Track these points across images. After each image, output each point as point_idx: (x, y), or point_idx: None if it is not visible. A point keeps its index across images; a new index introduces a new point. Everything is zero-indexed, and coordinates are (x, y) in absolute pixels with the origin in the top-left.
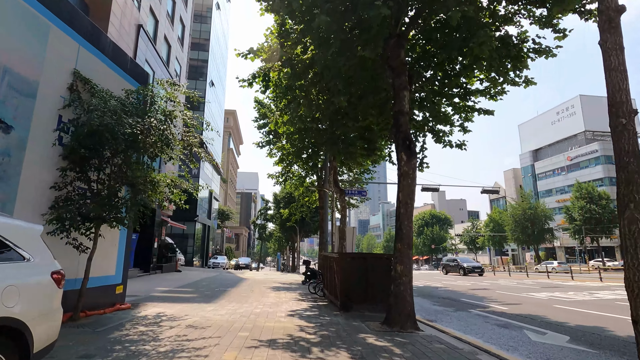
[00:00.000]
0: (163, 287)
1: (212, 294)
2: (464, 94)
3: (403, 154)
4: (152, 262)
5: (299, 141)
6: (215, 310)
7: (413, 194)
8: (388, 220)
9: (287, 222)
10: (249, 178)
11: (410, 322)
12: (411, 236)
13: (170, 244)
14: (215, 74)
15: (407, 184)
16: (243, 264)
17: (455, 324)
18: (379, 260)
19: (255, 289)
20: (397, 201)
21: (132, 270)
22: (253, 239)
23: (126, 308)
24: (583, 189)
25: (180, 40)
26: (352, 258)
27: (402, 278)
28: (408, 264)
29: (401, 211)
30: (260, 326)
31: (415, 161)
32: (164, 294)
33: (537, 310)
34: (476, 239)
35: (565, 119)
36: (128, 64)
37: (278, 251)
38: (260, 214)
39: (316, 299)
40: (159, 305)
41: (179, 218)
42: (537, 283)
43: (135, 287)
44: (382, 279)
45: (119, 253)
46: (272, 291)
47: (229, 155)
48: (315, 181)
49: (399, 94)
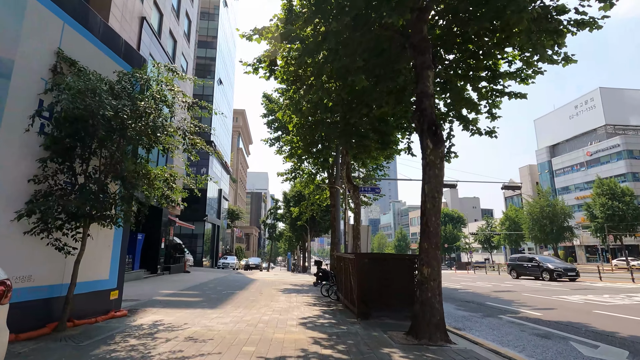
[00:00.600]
0: (168, 289)
1: (218, 297)
2: (492, 77)
3: (429, 140)
4: (159, 263)
5: (309, 134)
6: (220, 317)
7: (441, 186)
8: (399, 220)
9: (297, 221)
10: (259, 178)
11: (440, 332)
12: (439, 234)
13: (179, 244)
14: (223, 72)
15: (434, 175)
16: (253, 265)
17: (487, 333)
18: (400, 261)
19: (265, 292)
20: (422, 195)
21: (137, 271)
22: (263, 238)
23: (122, 315)
24: (604, 185)
25: (186, 36)
26: (371, 259)
27: (430, 282)
28: (436, 266)
29: (427, 206)
30: (268, 338)
31: (442, 149)
32: (167, 297)
33: (577, 316)
34: (491, 237)
35: (584, 113)
36: (122, 47)
37: (288, 251)
38: (270, 214)
39: (329, 303)
40: (159, 311)
41: (187, 218)
42: (565, 284)
43: (139, 289)
44: (404, 282)
45: (114, 255)
46: (282, 294)
47: (238, 154)
48: (326, 179)
49: (421, 74)
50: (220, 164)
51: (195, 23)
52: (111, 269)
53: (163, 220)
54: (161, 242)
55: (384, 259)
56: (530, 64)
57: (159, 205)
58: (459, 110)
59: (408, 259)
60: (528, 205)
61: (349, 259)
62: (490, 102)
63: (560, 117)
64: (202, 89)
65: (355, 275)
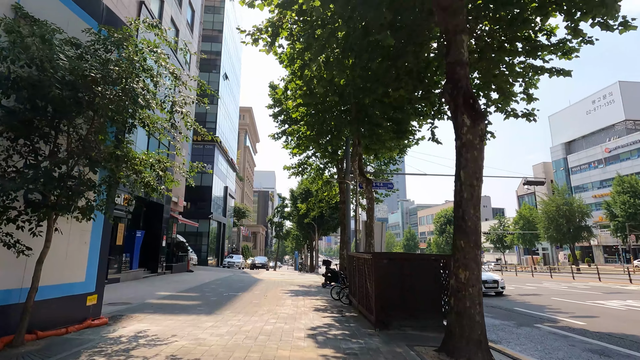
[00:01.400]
0: (165, 290)
1: (217, 300)
2: (530, 50)
3: (465, 116)
4: (160, 261)
5: (318, 123)
6: (215, 327)
7: (480, 171)
8: (407, 219)
9: (304, 218)
10: (267, 177)
11: (482, 352)
12: (479, 231)
13: (182, 243)
14: (230, 67)
15: (472, 158)
16: (259, 264)
17: (529, 347)
18: (425, 262)
19: (270, 294)
20: (456, 183)
21: (136, 271)
22: (270, 237)
23: (100, 324)
24: (625, 182)
25: (189, 26)
26: (391, 260)
27: (468, 289)
28: (476, 269)
29: (464, 196)
30: (270, 356)
31: (483, 125)
32: (161, 300)
33: (627, 327)
34: (504, 237)
35: (602, 108)
36: (103, 13)
37: (295, 250)
38: (277, 212)
39: (341, 308)
40: (146, 318)
41: (192, 215)
42: (592, 287)
43: (133, 291)
44: (429, 286)
45: (92, 253)
46: (289, 296)
47: (245, 152)
48: (335, 174)
49: (454, 40)
50: (226, 161)
51: (200, 14)
52: (88, 269)
53: (164, 217)
54: (162, 240)
55: (406, 259)
56: (578, 32)
57: (148, 197)
58: (490, 89)
59: (434, 259)
60: (543, 204)
61: (365, 259)
62: (526, 80)
63: (577, 113)
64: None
65: (373, 278)
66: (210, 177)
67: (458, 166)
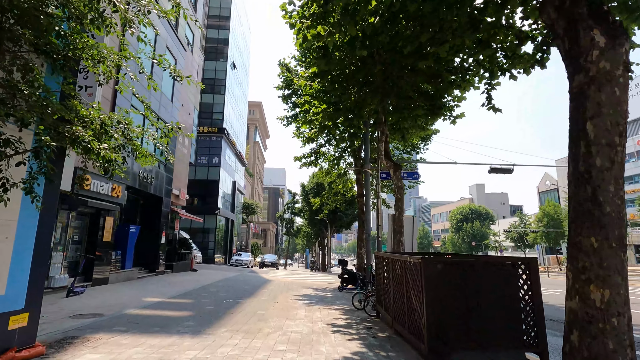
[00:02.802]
0: (155, 296)
1: (214, 310)
2: None
3: (597, 32)
4: (159, 260)
5: (339, 89)
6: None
7: (625, 120)
8: (420, 216)
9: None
10: (277, 173)
11: None
12: (624, 221)
13: (185, 239)
14: (238, 56)
15: (611, 100)
16: (269, 262)
17: None
18: (495, 267)
19: (280, 300)
20: (575, 145)
21: (129, 271)
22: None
23: (33, 356)
24: None
25: (192, 4)
26: (448, 264)
27: (611, 320)
28: (622, 285)
29: (595, 163)
30: None
31: (627, 45)
32: (143, 310)
33: None
34: (525, 235)
35: (634, 98)
36: None
37: (306, 247)
38: (288, 208)
39: (368, 322)
40: (108, 342)
41: (198, 211)
42: None
43: (115, 296)
44: (502, 302)
45: (18, 254)
46: (302, 304)
47: (255, 148)
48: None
49: None
50: (234, 154)
51: None
52: (12, 277)
53: (163, 211)
54: (162, 236)
55: (470, 264)
56: None
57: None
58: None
59: (511, 265)
60: None
61: (407, 262)
62: None
63: None
64: (215, 72)
65: (422, 290)
66: (217, 170)
67: (577, 117)
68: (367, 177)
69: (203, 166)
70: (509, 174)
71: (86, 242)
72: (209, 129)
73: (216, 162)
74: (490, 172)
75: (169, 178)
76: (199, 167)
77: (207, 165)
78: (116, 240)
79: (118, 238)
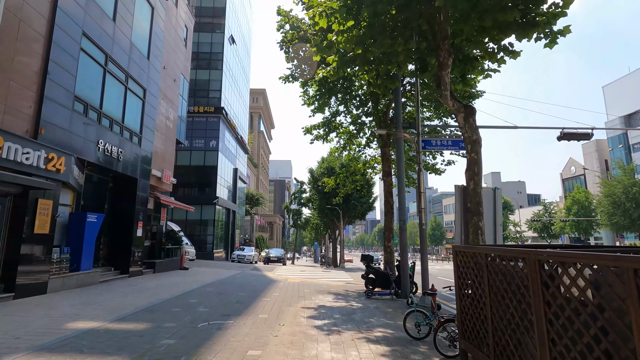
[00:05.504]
0: (89, 318)
1: (172, 349)
2: None
3: None
4: (134, 258)
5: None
6: None
7: None
8: (431, 207)
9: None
10: (283, 166)
11: None
12: None
13: (173, 232)
14: (237, 29)
15: None
16: (274, 257)
17: None
18: None
19: (287, 320)
20: None
21: (86, 273)
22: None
23: None
24: None
25: None
26: None
27: None
28: None
29: None
30: None
31: None
32: (36, 356)
33: None
34: (551, 224)
35: None
36: None
37: (315, 240)
38: (295, 198)
39: None
40: None
41: (193, 199)
42: None
43: (25, 321)
44: None
45: None
46: (323, 331)
47: (259, 138)
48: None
49: None
50: (235, 138)
51: None
52: None
53: (139, 196)
54: (137, 228)
55: None
56: None
57: None
58: None
59: None
60: (607, 186)
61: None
62: None
63: (638, 82)
64: (210, 45)
65: None
66: (214, 155)
67: None
68: (399, 145)
69: (199, 150)
70: (585, 140)
71: (6, 235)
72: (205, 108)
73: (213, 145)
74: (560, 138)
75: (146, 156)
76: (195, 151)
77: (203, 149)
78: (65, 233)
79: (69, 230)
